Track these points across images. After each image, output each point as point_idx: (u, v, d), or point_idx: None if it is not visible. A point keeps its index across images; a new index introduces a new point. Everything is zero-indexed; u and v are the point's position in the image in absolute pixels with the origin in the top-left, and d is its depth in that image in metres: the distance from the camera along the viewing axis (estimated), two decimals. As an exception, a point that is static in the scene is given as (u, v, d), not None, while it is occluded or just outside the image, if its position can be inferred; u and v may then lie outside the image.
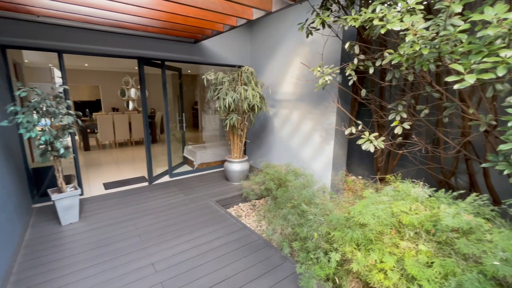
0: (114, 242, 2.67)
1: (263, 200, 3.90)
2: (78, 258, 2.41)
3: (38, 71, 7.43)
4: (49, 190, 3.03)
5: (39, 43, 3.23)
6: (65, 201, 2.95)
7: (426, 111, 2.19)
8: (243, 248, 2.61)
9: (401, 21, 1.66)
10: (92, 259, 2.39)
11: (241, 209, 3.81)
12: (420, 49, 1.55)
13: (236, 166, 4.35)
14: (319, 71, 2.48)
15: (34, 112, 2.67)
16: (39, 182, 3.61)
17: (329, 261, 1.95)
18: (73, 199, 3.02)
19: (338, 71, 2.58)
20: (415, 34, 1.60)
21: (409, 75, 2.01)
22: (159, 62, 4.30)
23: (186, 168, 5.26)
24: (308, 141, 3.97)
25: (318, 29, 2.68)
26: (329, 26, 2.57)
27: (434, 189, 1.92)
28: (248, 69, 4.06)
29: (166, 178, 4.71)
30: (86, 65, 8.12)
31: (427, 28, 1.62)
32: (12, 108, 2.53)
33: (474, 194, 1.77)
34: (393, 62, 1.75)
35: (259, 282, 2.14)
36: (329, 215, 2.17)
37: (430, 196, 1.87)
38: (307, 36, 2.76)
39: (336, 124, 3.46)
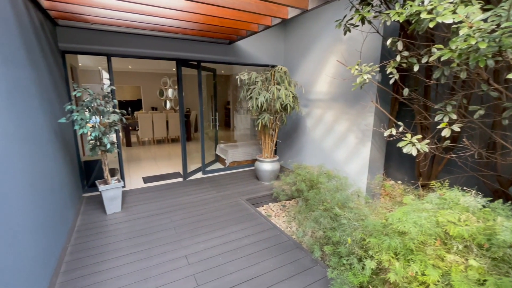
0: (152, 233, 2.85)
1: (294, 201, 3.85)
2: (120, 245, 2.61)
3: (89, 73, 8.23)
4: (97, 181, 3.33)
5: (92, 48, 3.57)
6: (110, 192, 3.22)
7: (481, 112, 1.97)
8: (272, 248, 2.61)
9: (454, 13, 1.51)
10: (132, 247, 2.57)
11: (271, 208, 3.81)
12: (476, 43, 1.40)
13: (267, 165, 4.36)
14: (357, 69, 2.37)
15: (86, 110, 2.96)
16: (88, 174, 3.99)
17: (363, 268, 1.86)
18: (117, 191, 3.28)
19: (378, 69, 2.44)
20: (471, 27, 1.44)
21: (461, 72, 1.83)
22: (196, 63, 4.47)
23: (218, 165, 5.41)
24: (342, 143, 3.83)
25: (357, 26, 2.56)
26: (369, 22, 2.44)
27: (489, 199, 1.72)
28: (281, 69, 4.04)
29: (199, 175, 4.90)
30: (130, 67, 8.77)
31: (485, 20, 1.46)
32: (69, 106, 2.83)
33: (540, 207, 1.55)
34: (442, 59, 1.61)
35: (289, 283, 2.12)
36: (365, 221, 2.06)
37: (484, 206, 1.68)
38: (345, 33, 2.66)
39: (374, 125, 3.28)
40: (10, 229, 1.49)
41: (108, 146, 3.07)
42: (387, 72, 2.35)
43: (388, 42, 2.23)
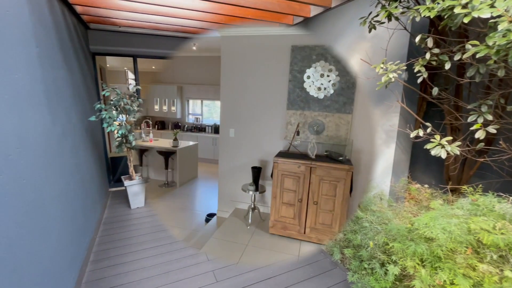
0: (172, 228, 2.93)
1: (312, 202, 3.79)
2: (143, 238, 2.72)
3: (116, 73, 8.62)
4: (122, 177, 3.49)
5: (119, 50, 3.74)
6: (134, 187, 3.36)
7: (521, 112, 1.83)
8: (291, 248, 2.59)
9: (492, 6, 1.41)
10: (154, 241, 2.67)
11: (289, 209, 3.78)
12: (517, 38, 1.30)
13: (286, 165, 4.33)
14: (382, 67, 2.29)
15: (114, 109, 3.11)
16: (114, 170, 4.19)
17: (385, 273, 1.80)
18: (141, 186, 3.42)
19: (405, 67, 2.33)
20: (511, 21, 1.34)
21: (499, 70, 1.70)
22: (216, 63, 4.53)
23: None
24: (364, 143, 3.71)
25: (383, 23, 2.46)
26: (396, 19, 2.33)
27: (529, 206, 1.59)
28: (302, 68, 3.98)
29: (218, 173, 4.97)
30: (153, 67, 9.08)
31: (528, 13, 1.35)
32: (99, 105, 2.98)
33: None
34: (478, 56, 1.51)
35: (307, 284, 2.10)
36: (388, 224, 1.99)
37: (522, 214, 1.56)
38: (370, 31, 2.56)
39: (399, 125, 3.14)
40: (45, 220, 1.60)
41: (133, 143, 3.21)
42: (415, 70, 2.24)
43: (417, 39, 2.12)
